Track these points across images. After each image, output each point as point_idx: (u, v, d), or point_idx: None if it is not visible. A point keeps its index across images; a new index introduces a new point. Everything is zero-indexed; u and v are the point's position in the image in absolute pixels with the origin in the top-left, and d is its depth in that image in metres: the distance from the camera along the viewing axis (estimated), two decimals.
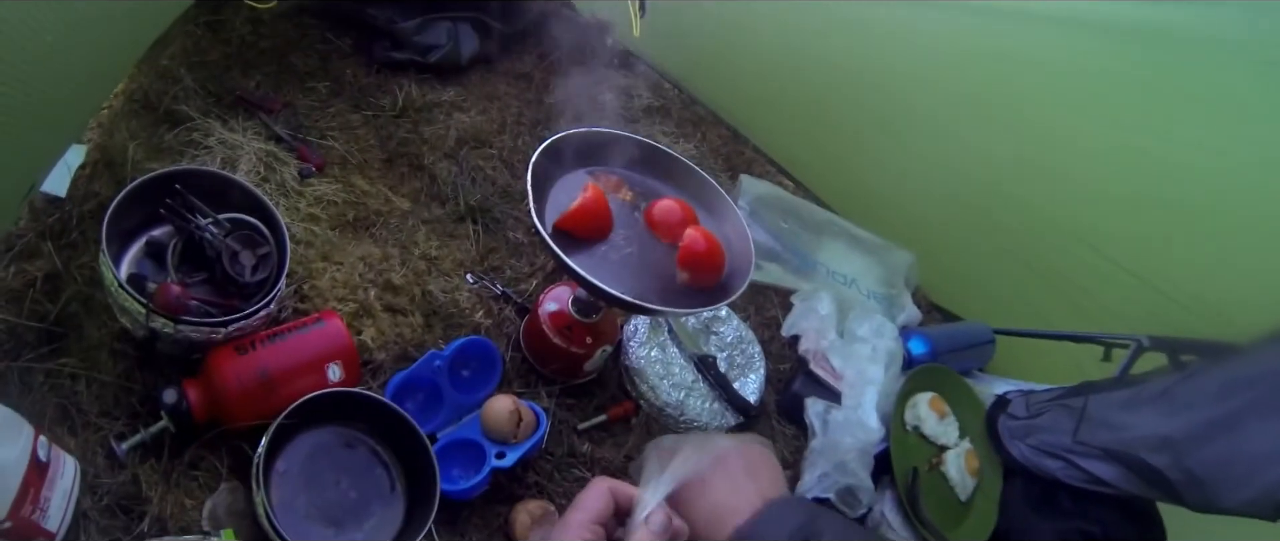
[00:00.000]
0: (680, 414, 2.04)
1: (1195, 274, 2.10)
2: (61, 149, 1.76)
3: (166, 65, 2.18)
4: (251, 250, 1.69)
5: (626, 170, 1.86)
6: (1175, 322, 2.10)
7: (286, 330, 1.65)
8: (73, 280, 1.69)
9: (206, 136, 2.05)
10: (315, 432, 1.60)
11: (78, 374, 1.57)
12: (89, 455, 1.49)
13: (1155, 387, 1.94)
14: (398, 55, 2.58)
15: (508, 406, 1.74)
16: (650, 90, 3.10)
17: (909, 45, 2.46)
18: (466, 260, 2.15)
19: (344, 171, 2.22)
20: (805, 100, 2.90)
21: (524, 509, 1.71)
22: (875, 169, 2.77)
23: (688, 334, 2.18)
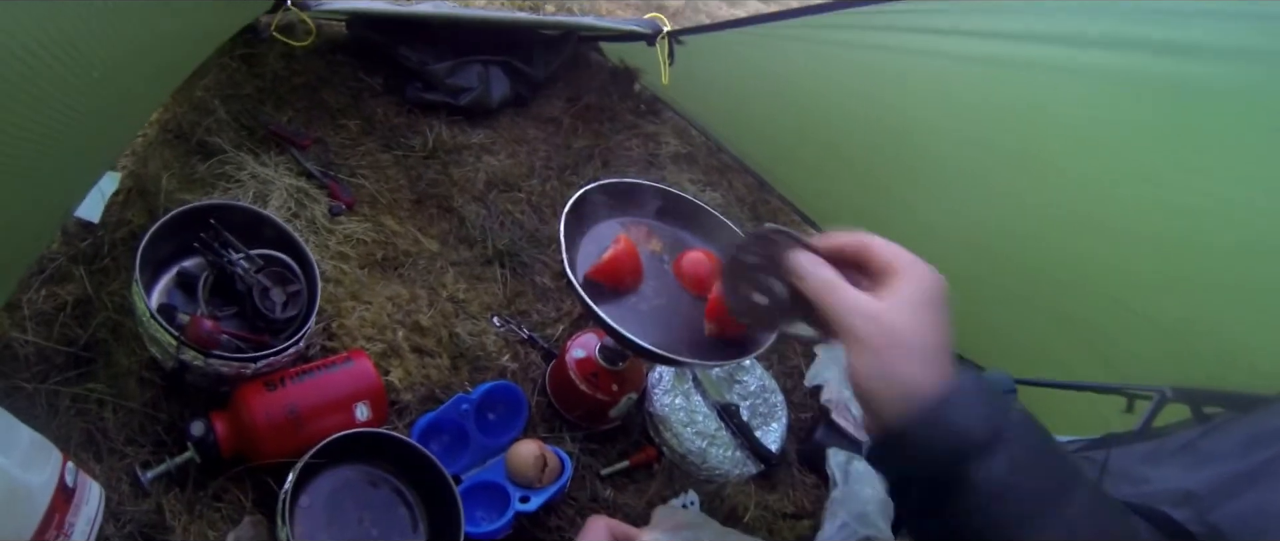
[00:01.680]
0: (702, 461, 2.04)
1: (1221, 325, 2.08)
2: (97, 176, 1.76)
3: (201, 97, 2.19)
4: (282, 287, 1.70)
5: (656, 220, 1.85)
6: (1200, 374, 2.08)
7: (316, 368, 1.66)
8: (103, 306, 1.69)
9: (239, 170, 2.06)
10: (340, 470, 1.60)
11: (105, 400, 1.58)
12: (114, 482, 1.49)
13: (1178, 440, 1.93)
14: (429, 96, 2.59)
15: (534, 451, 1.74)
16: (677, 137, 3.10)
17: (934, 95, 2.46)
18: (494, 303, 2.16)
19: (374, 210, 2.23)
20: (830, 149, 2.90)
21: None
22: (898, 217, 2.77)
23: (711, 382, 2.17)
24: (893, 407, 0.94)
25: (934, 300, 0.99)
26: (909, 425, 0.92)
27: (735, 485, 2.06)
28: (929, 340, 0.95)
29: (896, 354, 0.94)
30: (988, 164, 2.42)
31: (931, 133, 2.53)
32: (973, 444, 0.90)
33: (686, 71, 2.82)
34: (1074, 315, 2.37)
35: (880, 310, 0.97)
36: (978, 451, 0.90)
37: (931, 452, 0.92)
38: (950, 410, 0.92)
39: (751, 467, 2.12)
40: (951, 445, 0.91)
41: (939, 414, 0.92)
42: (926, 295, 0.98)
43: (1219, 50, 1.77)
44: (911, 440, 0.93)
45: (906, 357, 0.94)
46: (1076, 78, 2.05)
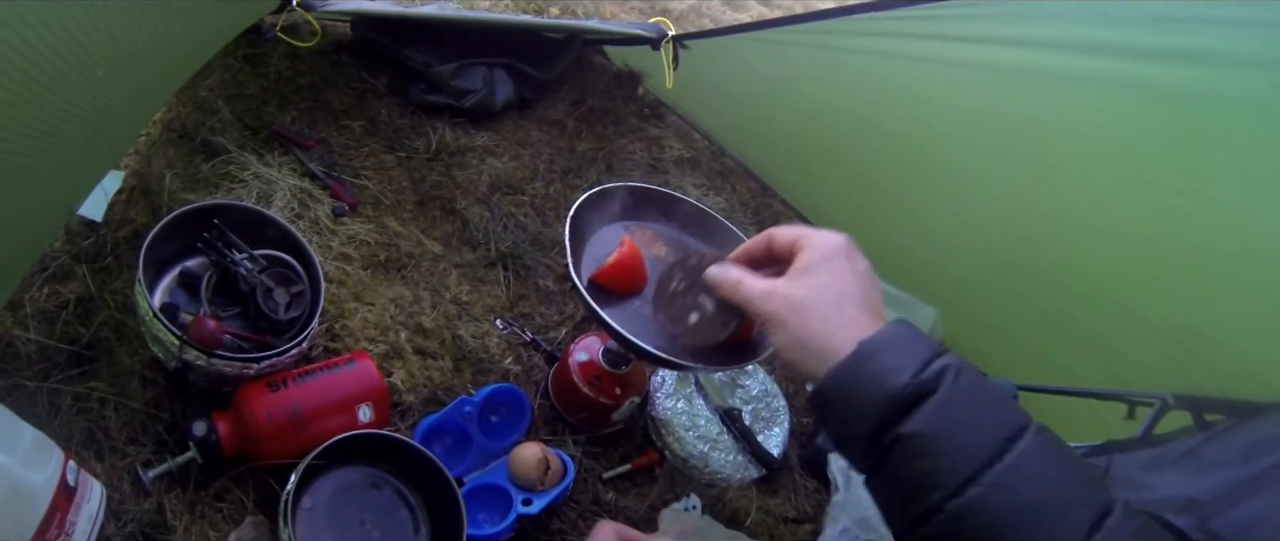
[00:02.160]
0: (704, 465, 2.04)
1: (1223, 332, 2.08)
2: (101, 174, 1.76)
3: (205, 96, 2.20)
4: (285, 287, 1.70)
5: (661, 225, 1.85)
6: (1202, 381, 2.08)
7: (318, 369, 1.66)
8: (106, 305, 1.69)
9: (242, 170, 2.06)
10: (342, 471, 1.60)
11: (107, 399, 1.57)
12: (115, 481, 1.49)
13: (1180, 447, 1.93)
14: (433, 98, 2.59)
15: (536, 453, 1.74)
16: (681, 141, 3.10)
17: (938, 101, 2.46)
18: (496, 306, 2.16)
19: (377, 212, 2.23)
20: (833, 154, 2.90)
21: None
22: (902, 224, 2.77)
23: (714, 387, 2.17)
24: (814, 370, 0.97)
25: (832, 258, 1.03)
26: (828, 382, 0.95)
27: (737, 489, 2.06)
28: (832, 297, 0.99)
29: (803, 321, 0.98)
30: (992, 169, 2.42)
31: (935, 138, 2.53)
32: (893, 395, 0.90)
33: (690, 76, 2.82)
34: (1077, 320, 2.37)
35: (780, 285, 1.03)
36: (901, 403, 0.90)
37: (854, 409, 0.93)
38: (868, 362, 0.93)
39: (753, 472, 2.11)
40: (873, 397, 0.91)
41: (855, 368, 0.93)
42: (825, 255, 1.03)
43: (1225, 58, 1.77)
44: (834, 397, 0.95)
45: (813, 322, 0.98)
46: (1082, 84, 2.05)
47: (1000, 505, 0.85)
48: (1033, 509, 0.85)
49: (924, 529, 0.89)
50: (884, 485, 0.95)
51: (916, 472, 0.89)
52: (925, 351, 0.93)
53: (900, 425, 0.89)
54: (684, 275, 1.37)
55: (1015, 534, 0.84)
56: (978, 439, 0.88)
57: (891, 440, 0.90)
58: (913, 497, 0.90)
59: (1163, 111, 1.95)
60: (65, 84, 1.10)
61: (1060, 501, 0.86)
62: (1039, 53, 2.09)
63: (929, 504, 0.88)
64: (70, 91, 1.13)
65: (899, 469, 0.91)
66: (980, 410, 0.91)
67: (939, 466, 0.88)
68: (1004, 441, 0.88)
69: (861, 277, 1.03)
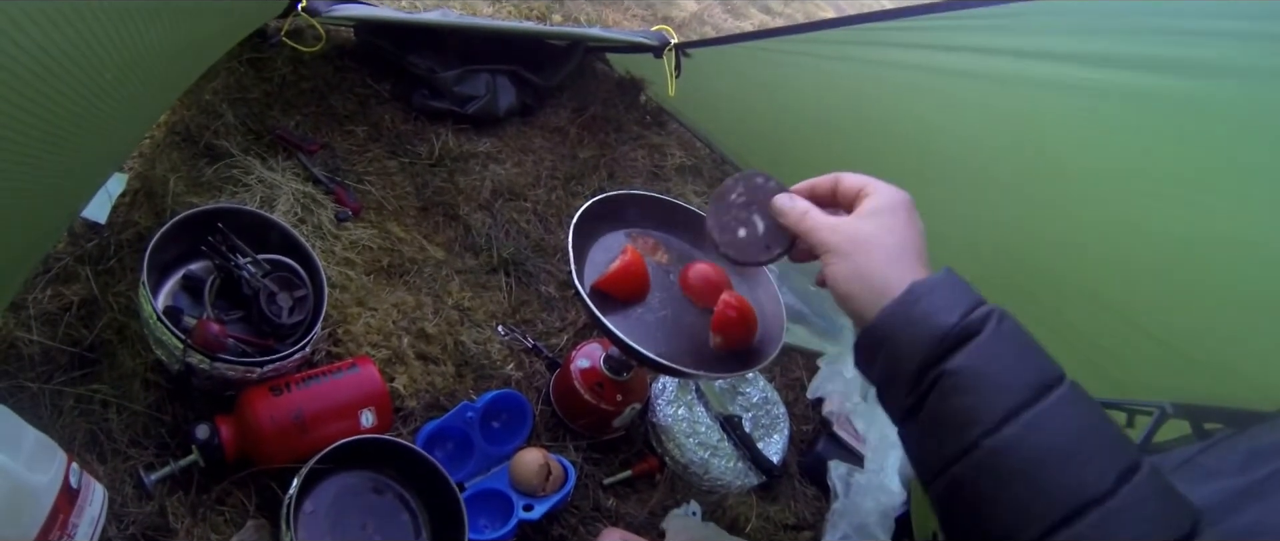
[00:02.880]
0: (705, 472, 2.04)
1: (1222, 341, 2.08)
2: (105, 177, 1.76)
3: (209, 100, 2.20)
4: (288, 292, 1.70)
5: (663, 232, 1.86)
6: (1201, 390, 2.08)
7: (321, 373, 1.66)
8: (109, 307, 1.69)
9: (246, 174, 2.07)
10: (344, 476, 1.60)
11: (109, 401, 1.58)
12: (117, 483, 1.49)
13: (1179, 456, 1.92)
14: (436, 104, 2.60)
15: (538, 459, 1.74)
16: (682, 149, 3.11)
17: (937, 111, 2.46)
18: (498, 312, 2.16)
19: (380, 217, 2.23)
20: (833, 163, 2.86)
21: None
22: None
23: (714, 394, 2.18)
24: (867, 304, 1.00)
25: (897, 208, 1.07)
26: (881, 318, 0.97)
27: (737, 496, 2.07)
28: (894, 241, 1.03)
29: (865, 257, 1.02)
30: (990, 179, 2.42)
31: (936, 148, 2.53)
32: (942, 334, 0.93)
33: (692, 83, 2.82)
34: (1076, 329, 2.37)
35: (847, 222, 1.06)
36: (948, 342, 0.93)
37: (903, 347, 0.96)
38: (919, 301, 0.96)
39: (753, 479, 2.12)
40: (922, 335, 0.94)
41: (907, 305, 0.96)
42: (891, 205, 1.07)
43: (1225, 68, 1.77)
44: (884, 333, 0.98)
45: (874, 259, 1.01)
46: (1081, 94, 2.05)
47: (1035, 445, 0.89)
48: (1065, 452, 0.89)
49: (958, 467, 0.92)
50: (923, 425, 0.97)
51: (957, 409, 0.92)
52: (972, 297, 0.97)
53: (946, 362, 0.92)
54: (746, 190, 1.38)
55: (1047, 475, 0.88)
56: (1018, 380, 0.92)
57: (935, 376, 0.93)
58: (951, 435, 0.93)
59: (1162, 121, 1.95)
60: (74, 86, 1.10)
61: (1092, 449, 0.90)
62: (1037, 63, 2.09)
63: (967, 440, 0.91)
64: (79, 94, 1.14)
65: (940, 406, 0.94)
66: (1021, 354, 0.95)
67: (979, 403, 0.91)
68: (1042, 386, 0.91)
69: (919, 231, 1.07)
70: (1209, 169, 1.93)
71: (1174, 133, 1.95)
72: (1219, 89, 1.80)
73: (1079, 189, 2.19)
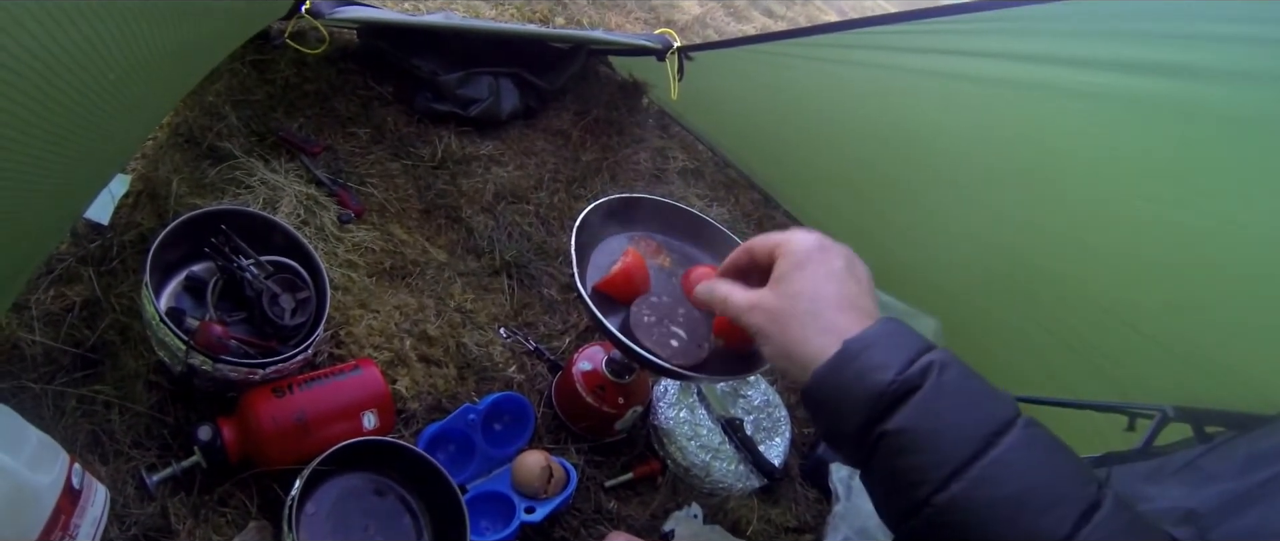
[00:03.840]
0: (706, 475, 2.04)
1: (1223, 344, 2.08)
2: (108, 178, 1.76)
3: (212, 101, 2.20)
4: (291, 294, 1.70)
5: (665, 236, 1.86)
6: (1202, 393, 2.08)
7: (324, 375, 1.66)
8: (112, 308, 1.69)
9: (249, 176, 2.07)
10: (346, 477, 1.60)
11: (112, 402, 1.58)
12: (119, 484, 1.49)
13: (1179, 459, 1.93)
14: (439, 106, 2.60)
15: (540, 462, 1.74)
16: (684, 152, 3.11)
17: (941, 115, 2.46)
18: (501, 314, 2.16)
19: (382, 219, 2.23)
20: (835, 166, 2.91)
21: None
22: (903, 235, 2.77)
23: (716, 396, 2.18)
24: (798, 377, 0.98)
25: (809, 260, 1.02)
26: (814, 383, 0.95)
27: (738, 499, 2.07)
28: (811, 302, 0.99)
29: (784, 330, 0.99)
30: (992, 182, 2.43)
31: (936, 150, 2.53)
32: (878, 393, 0.90)
33: (695, 87, 2.83)
34: (1077, 333, 2.37)
35: (762, 295, 1.03)
36: (885, 400, 0.90)
37: (840, 408, 0.93)
38: (853, 361, 0.93)
39: (754, 481, 2.12)
40: (858, 395, 0.91)
41: (839, 368, 0.93)
42: (802, 258, 1.03)
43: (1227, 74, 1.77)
44: (819, 397, 0.95)
45: (792, 330, 0.98)
46: (1085, 100, 2.05)
47: (984, 499, 0.85)
48: (1017, 502, 0.85)
49: (912, 522, 0.90)
50: (874, 481, 0.95)
51: (902, 468, 0.89)
52: (911, 348, 0.93)
53: (885, 422, 0.90)
54: (650, 310, 1.42)
55: (999, 527, 0.84)
56: (962, 433, 0.88)
57: (877, 436, 0.90)
58: (900, 493, 0.90)
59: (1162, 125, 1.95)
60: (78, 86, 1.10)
61: (1047, 495, 0.86)
62: (1038, 67, 2.09)
63: (915, 499, 0.88)
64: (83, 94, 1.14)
65: (886, 465, 0.91)
66: (966, 405, 0.91)
67: (923, 462, 0.88)
68: (989, 436, 0.88)
69: (838, 277, 1.02)
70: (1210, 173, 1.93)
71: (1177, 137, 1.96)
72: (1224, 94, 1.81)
73: (1080, 193, 2.20)
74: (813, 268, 1.02)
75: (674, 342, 1.59)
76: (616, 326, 1.57)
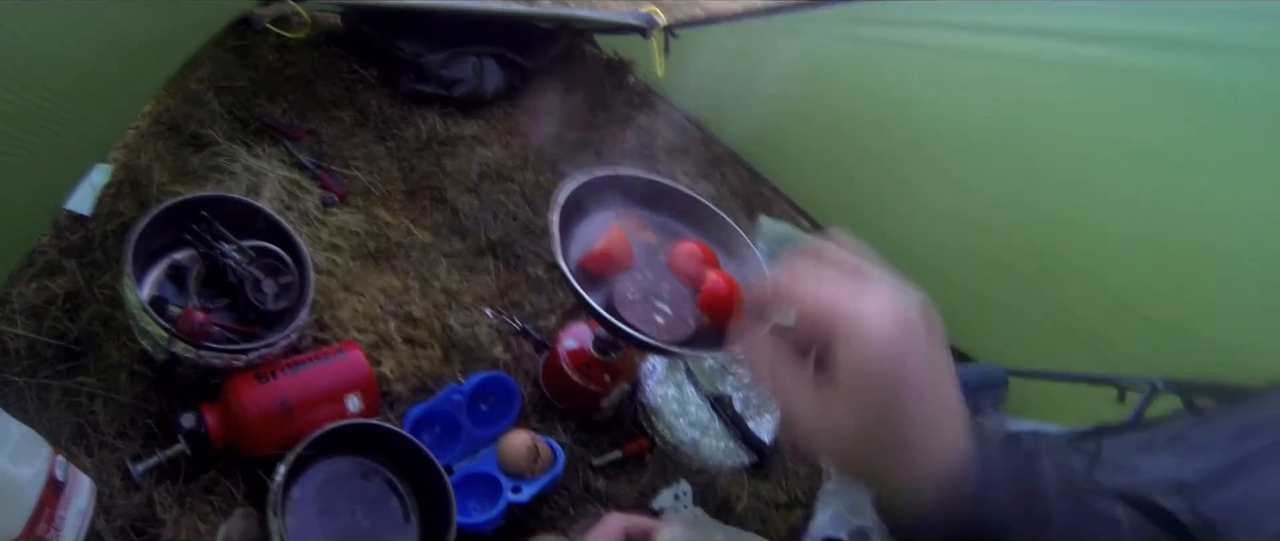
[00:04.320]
0: (695, 452, 2.05)
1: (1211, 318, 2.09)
2: (87, 166, 1.76)
3: (194, 88, 2.19)
4: (274, 278, 1.70)
5: (649, 211, 1.86)
6: (1191, 366, 2.09)
7: (307, 359, 1.66)
8: (94, 299, 1.69)
9: (231, 162, 2.06)
10: (331, 461, 1.60)
11: (96, 393, 1.58)
12: (104, 475, 1.49)
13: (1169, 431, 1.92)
14: (423, 88, 2.60)
15: (526, 441, 1.74)
16: (671, 129, 3.10)
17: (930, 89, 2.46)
18: (486, 295, 2.16)
19: (366, 202, 2.23)
20: (823, 141, 2.90)
21: None
22: (893, 210, 2.77)
23: (704, 373, 2.17)
24: (886, 501, 0.83)
25: (893, 358, 0.76)
26: (912, 528, 0.81)
27: (728, 476, 2.07)
28: (901, 427, 0.77)
29: (858, 457, 0.80)
30: (983, 157, 2.42)
31: (927, 125, 2.53)
32: (986, 533, 0.77)
33: (681, 63, 2.82)
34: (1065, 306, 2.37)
35: (819, 412, 0.79)
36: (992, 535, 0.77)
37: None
38: (955, 510, 0.78)
39: (744, 458, 2.12)
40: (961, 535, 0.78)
41: (949, 517, 0.78)
42: (872, 364, 0.76)
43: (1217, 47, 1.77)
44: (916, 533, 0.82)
45: (871, 458, 0.80)
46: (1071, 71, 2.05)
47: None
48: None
49: None
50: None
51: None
52: (1022, 481, 0.80)
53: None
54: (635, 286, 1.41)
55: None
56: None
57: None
58: None
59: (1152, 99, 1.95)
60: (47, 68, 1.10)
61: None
62: (1027, 39, 2.09)
63: None
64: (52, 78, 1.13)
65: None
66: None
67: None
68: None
69: (930, 369, 0.79)
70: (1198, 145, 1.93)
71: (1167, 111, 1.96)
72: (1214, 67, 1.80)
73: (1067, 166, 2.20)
74: (899, 366, 0.76)
75: (659, 319, 1.59)
76: (600, 303, 1.57)
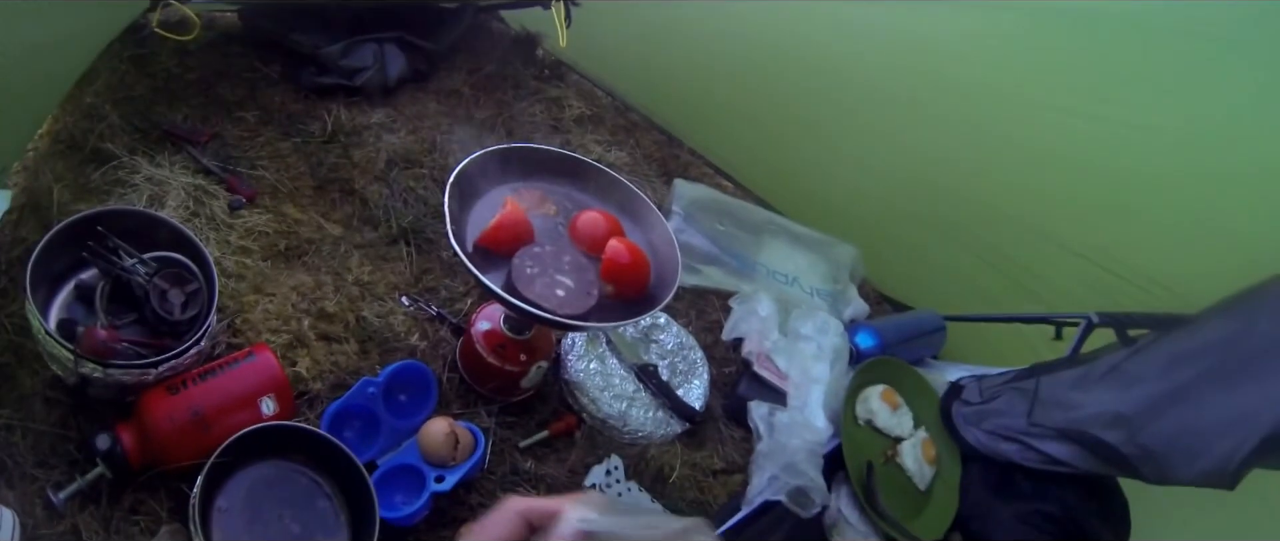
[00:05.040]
0: (623, 425, 2.04)
1: (1142, 251, 2.12)
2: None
3: (91, 102, 2.17)
4: (180, 288, 1.68)
5: (550, 184, 1.85)
6: (1126, 301, 2.11)
7: (218, 366, 1.64)
8: (3, 328, 1.68)
9: (133, 174, 2.05)
10: (254, 468, 1.58)
11: (13, 425, 1.56)
12: (27, 507, 1.47)
13: (1105, 364, 1.96)
14: (324, 80, 2.58)
15: (443, 429, 1.73)
16: (582, 99, 3.10)
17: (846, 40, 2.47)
18: (401, 283, 2.15)
19: (275, 201, 2.21)
20: (739, 101, 2.91)
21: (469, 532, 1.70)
22: (816, 165, 2.78)
23: (627, 344, 2.18)
24: None
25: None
26: None
27: (659, 446, 2.07)
28: None
29: None
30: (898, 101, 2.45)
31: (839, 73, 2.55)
32: None
33: (588, 33, 2.82)
34: (997, 248, 2.40)
35: None
36: None
37: None
38: None
39: (676, 426, 2.13)
40: None
41: None
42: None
43: None
44: None
45: None
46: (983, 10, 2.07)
47: None
48: None
49: None
50: None
51: None
52: None
53: None
54: (533, 260, 1.42)
55: None
56: None
57: None
58: None
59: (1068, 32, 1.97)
60: None
61: None
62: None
63: None
64: None
65: None
66: None
67: None
68: None
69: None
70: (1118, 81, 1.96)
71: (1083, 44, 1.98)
72: None
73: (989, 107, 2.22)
74: None
75: (560, 292, 1.59)
76: (500, 282, 1.57)
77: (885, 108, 2.49)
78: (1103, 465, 1.94)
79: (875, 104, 2.50)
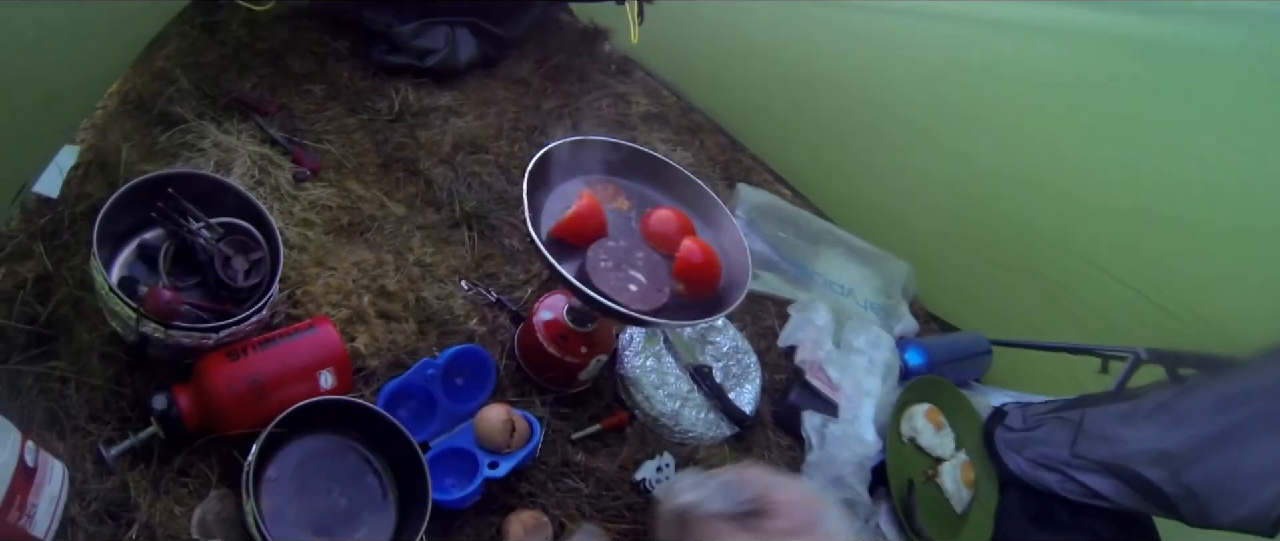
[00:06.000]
0: (675, 424, 2.03)
1: (1192, 288, 2.09)
2: (53, 149, 1.74)
3: (162, 66, 2.17)
4: (244, 255, 1.68)
5: (623, 179, 1.84)
6: (1173, 336, 2.09)
7: (279, 336, 1.64)
8: (64, 282, 1.67)
9: (201, 139, 2.04)
10: (306, 440, 1.58)
11: (67, 377, 1.56)
12: (78, 460, 1.47)
13: (1153, 401, 1.94)
14: (394, 59, 2.57)
15: (501, 416, 1.72)
16: (648, 97, 3.09)
17: (909, 57, 2.46)
18: (461, 267, 2.14)
19: (339, 175, 2.21)
20: (804, 109, 2.89)
21: (517, 519, 1.69)
22: (874, 179, 2.76)
23: (684, 344, 2.16)
24: None
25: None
26: None
27: (709, 447, 2.06)
28: None
29: None
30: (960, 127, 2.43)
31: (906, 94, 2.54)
32: None
33: (657, 31, 2.80)
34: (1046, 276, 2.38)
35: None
36: None
37: None
38: None
39: (725, 429, 2.11)
40: None
41: None
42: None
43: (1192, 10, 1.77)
44: None
45: None
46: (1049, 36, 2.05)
47: None
48: None
49: None
50: None
51: None
52: None
53: None
54: (608, 254, 1.41)
55: None
56: None
57: None
58: None
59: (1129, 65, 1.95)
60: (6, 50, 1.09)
61: None
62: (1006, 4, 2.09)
63: None
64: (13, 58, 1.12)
65: None
66: None
67: None
68: None
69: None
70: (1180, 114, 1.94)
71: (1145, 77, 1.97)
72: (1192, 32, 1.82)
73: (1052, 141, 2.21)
74: None
75: (632, 287, 1.58)
76: (573, 272, 1.55)
77: (947, 129, 2.47)
78: (1143, 502, 1.92)
79: (938, 125, 2.49)
